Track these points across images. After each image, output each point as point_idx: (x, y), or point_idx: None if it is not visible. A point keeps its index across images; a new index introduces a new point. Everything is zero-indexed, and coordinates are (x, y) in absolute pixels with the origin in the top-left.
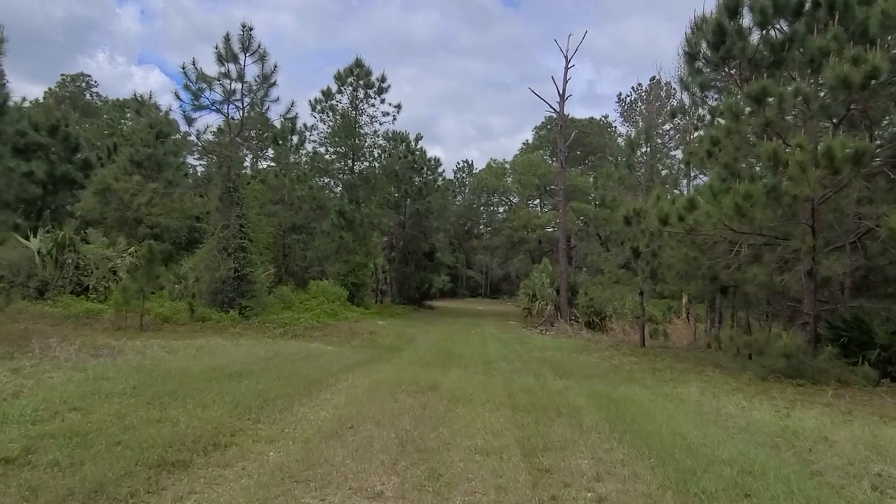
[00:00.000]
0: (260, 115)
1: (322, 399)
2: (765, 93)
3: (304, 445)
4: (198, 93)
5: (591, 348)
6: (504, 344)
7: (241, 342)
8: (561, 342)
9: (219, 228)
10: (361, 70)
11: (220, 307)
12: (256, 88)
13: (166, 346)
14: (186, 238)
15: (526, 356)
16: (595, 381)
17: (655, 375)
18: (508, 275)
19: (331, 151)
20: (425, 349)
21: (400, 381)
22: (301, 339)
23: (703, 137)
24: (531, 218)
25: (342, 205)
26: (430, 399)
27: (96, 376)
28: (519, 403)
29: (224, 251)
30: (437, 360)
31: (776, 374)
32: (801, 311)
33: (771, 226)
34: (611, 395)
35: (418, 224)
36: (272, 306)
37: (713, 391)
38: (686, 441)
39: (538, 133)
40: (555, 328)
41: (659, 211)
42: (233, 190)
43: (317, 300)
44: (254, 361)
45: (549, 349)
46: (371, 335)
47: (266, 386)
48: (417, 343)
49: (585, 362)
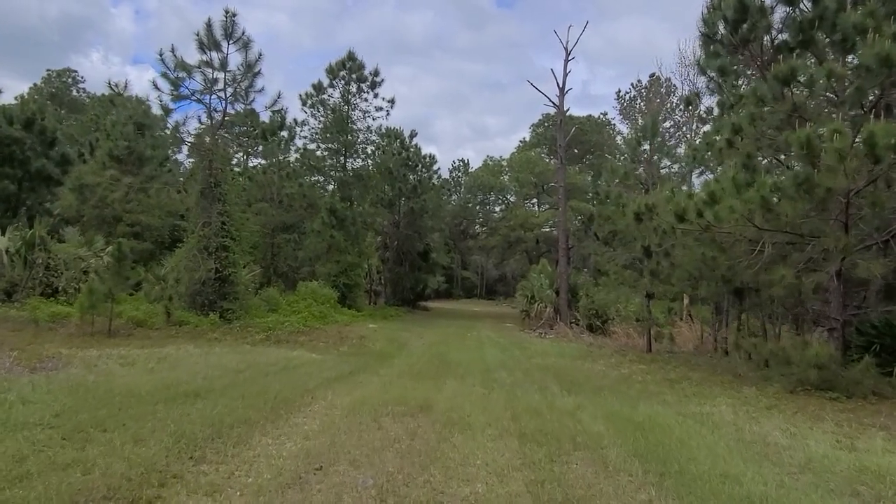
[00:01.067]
0: (245, 107)
1: (291, 425)
2: (793, 74)
3: (253, 499)
4: (177, 82)
5: (595, 354)
6: (502, 349)
7: (214, 350)
8: (562, 347)
9: (199, 226)
10: (354, 63)
11: (200, 310)
12: (240, 78)
13: (125, 356)
14: (170, 237)
15: (526, 363)
16: (609, 397)
17: (674, 388)
18: (504, 275)
19: (322, 148)
20: (418, 356)
21: (387, 398)
22: (284, 345)
23: (722, 125)
24: (528, 217)
25: (333, 202)
26: (420, 424)
27: (17, 399)
28: (526, 429)
29: (204, 250)
30: (430, 370)
31: (805, 385)
32: (828, 316)
33: (801, 221)
34: (632, 418)
35: (413, 223)
36: (257, 309)
37: (746, 409)
38: (745, 491)
39: (535, 131)
40: (554, 331)
41: (675, 206)
42: (214, 185)
43: (305, 302)
44: (220, 375)
45: (550, 355)
46: (361, 340)
47: (224, 409)
48: (410, 348)
49: (592, 371)
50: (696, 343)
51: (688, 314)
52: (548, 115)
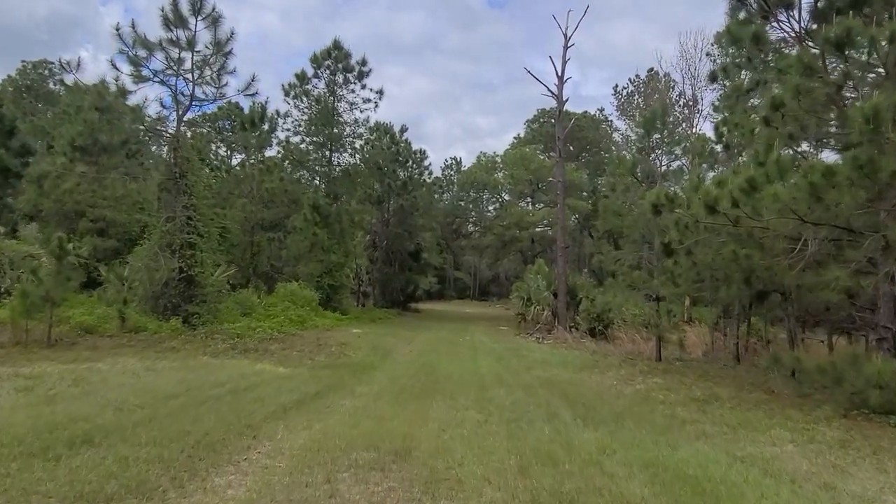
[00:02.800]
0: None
1: (207, 490)
2: (849, 38)
3: None
4: (137, 61)
5: (602, 364)
6: (498, 358)
7: (158, 365)
8: (563, 355)
9: (161, 221)
10: (340, 53)
11: (162, 314)
12: (210, 59)
13: (35, 376)
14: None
15: (526, 376)
16: (634, 430)
17: (707, 413)
18: (498, 276)
19: (307, 142)
20: (403, 368)
21: (353, 437)
22: (251, 354)
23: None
24: (523, 216)
25: (316, 198)
26: (391, 484)
27: None
28: (540, 493)
29: (168, 248)
30: (415, 387)
31: (861, 408)
32: (875, 325)
33: (856, 213)
34: (677, 468)
35: (403, 221)
36: (228, 313)
37: (816, 448)
38: None
39: (530, 127)
40: (552, 336)
41: (704, 194)
42: (179, 176)
43: (282, 305)
44: (141, 405)
45: (551, 365)
46: (340, 348)
47: (116, 464)
48: (395, 358)
49: (602, 387)
50: (705, 348)
51: (689, 317)
52: (543, 110)
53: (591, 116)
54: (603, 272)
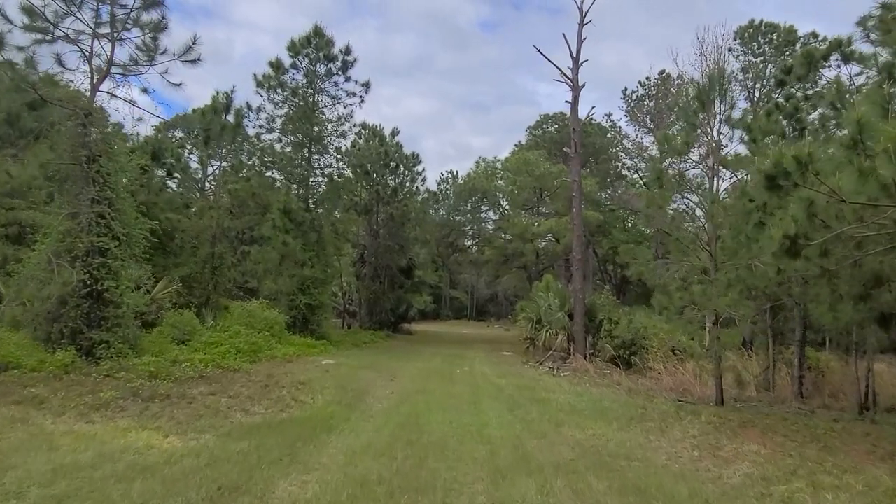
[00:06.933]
0: (146, 56)
1: None
2: None
3: None
4: (31, 9)
5: (652, 412)
6: (509, 404)
7: None
8: (594, 396)
9: (61, 219)
10: (321, 40)
11: (57, 343)
12: (136, 14)
13: None
14: (20, 234)
15: (559, 443)
16: None
17: None
18: (496, 295)
19: (284, 141)
20: (373, 429)
21: None
22: (150, 409)
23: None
24: (527, 227)
25: (287, 201)
26: None
27: None
28: None
29: (68, 254)
30: (383, 474)
31: None
32: None
33: None
34: None
35: (394, 234)
36: (158, 341)
37: None
38: None
39: (532, 133)
40: (569, 366)
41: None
42: (89, 160)
43: (233, 330)
44: None
45: (584, 415)
46: (297, 389)
47: None
48: (368, 405)
49: (685, 467)
50: (755, 381)
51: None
52: (546, 115)
53: (598, 124)
54: (623, 288)
